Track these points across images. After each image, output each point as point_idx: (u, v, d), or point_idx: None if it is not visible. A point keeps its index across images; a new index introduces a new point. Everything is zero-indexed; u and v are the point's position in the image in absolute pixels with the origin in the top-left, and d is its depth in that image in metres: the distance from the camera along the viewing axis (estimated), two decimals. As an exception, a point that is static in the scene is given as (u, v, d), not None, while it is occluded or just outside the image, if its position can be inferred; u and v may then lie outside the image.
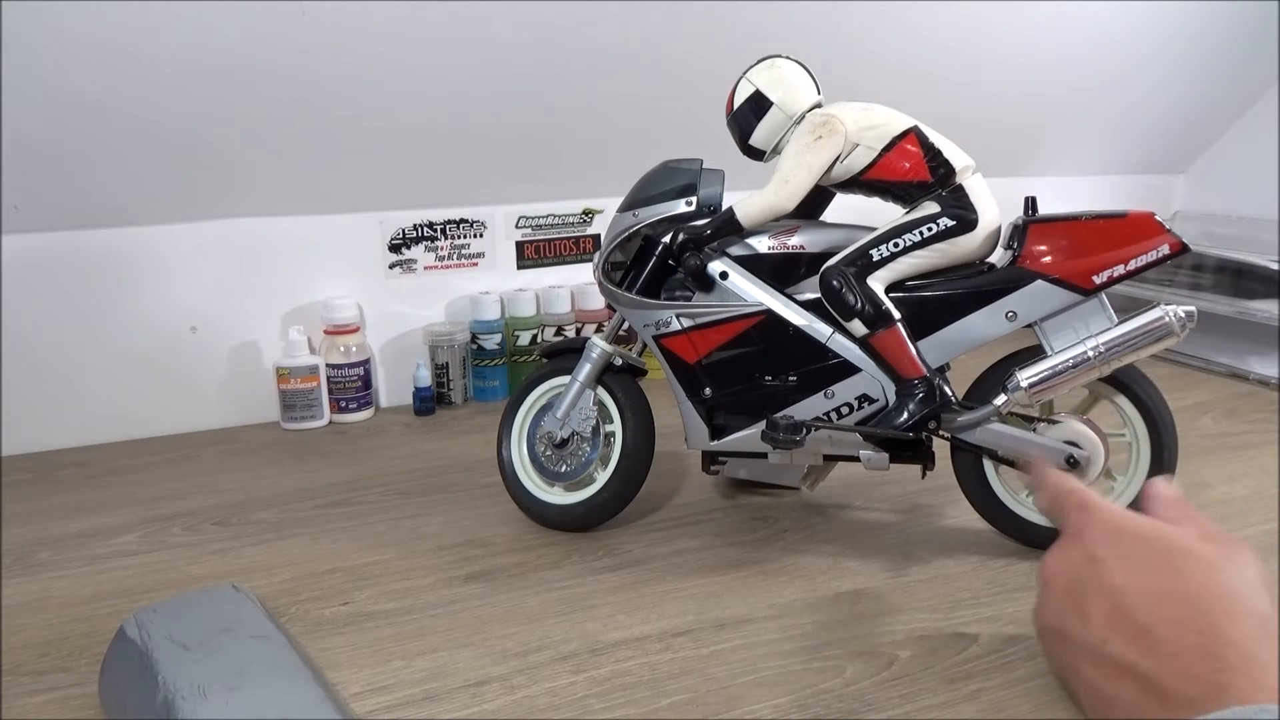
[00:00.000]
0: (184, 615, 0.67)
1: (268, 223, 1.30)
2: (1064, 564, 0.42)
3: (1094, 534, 0.42)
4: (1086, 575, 0.40)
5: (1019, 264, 0.83)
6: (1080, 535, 0.42)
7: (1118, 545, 0.41)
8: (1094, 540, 0.41)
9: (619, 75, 1.31)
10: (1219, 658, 0.34)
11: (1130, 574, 0.39)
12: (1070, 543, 0.43)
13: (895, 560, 0.88)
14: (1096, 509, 0.43)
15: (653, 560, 0.90)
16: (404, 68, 1.19)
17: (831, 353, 0.87)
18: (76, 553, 0.94)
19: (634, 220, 0.93)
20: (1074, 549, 0.42)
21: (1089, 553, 0.41)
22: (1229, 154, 1.89)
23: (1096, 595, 0.39)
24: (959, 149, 0.87)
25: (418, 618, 0.80)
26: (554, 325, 1.44)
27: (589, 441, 0.95)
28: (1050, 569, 0.43)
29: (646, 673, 0.71)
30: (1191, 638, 0.36)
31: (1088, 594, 0.40)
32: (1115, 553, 0.40)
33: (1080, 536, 0.42)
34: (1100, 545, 0.41)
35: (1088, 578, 0.40)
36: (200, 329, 1.29)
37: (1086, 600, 0.40)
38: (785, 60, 0.92)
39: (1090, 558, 0.41)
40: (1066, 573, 0.42)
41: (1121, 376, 0.84)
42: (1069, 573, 0.41)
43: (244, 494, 1.08)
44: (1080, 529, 0.43)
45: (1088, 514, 0.43)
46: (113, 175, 1.17)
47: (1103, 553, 0.41)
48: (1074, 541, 0.43)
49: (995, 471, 0.88)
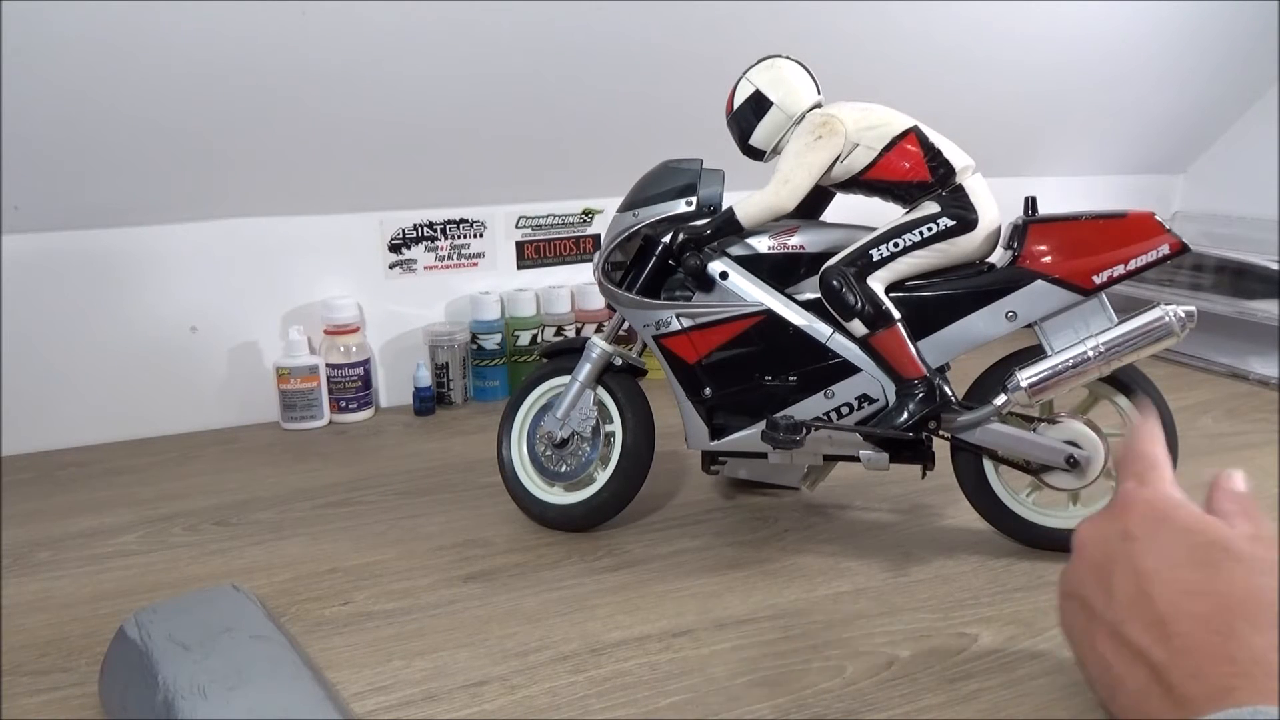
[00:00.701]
0: (184, 615, 0.67)
1: (268, 223, 1.30)
2: (1099, 535, 0.42)
3: (1137, 513, 0.41)
4: (1119, 552, 0.40)
5: (1019, 264, 0.83)
6: (1124, 510, 0.42)
7: (1157, 530, 0.40)
8: (1135, 519, 0.41)
9: (619, 75, 1.31)
10: (1231, 660, 0.34)
11: (1162, 561, 0.39)
12: (1111, 514, 0.43)
13: (895, 560, 0.88)
14: (1152, 486, 0.43)
15: (653, 560, 0.90)
16: (404, 67, 1.19)
17: (831, 353, 0.87)
18: (76, 553, 0.94)
19: (634, 220, 0.93)
20: (1113, 522, 0.42)
21: (1127, 530, 0.41)
22: (1229, 154, 1.89)
23: (1124, 574, 0.39)
24: (959, 149, 0.87)
25: (418, 618, 0.80)
26: (554, 325, 1.44)
27: (589, 441, 0.95)
28: (1084, 535, 0.43)
29: (646, 673, 0.71)
30: (1207, 636, 0.35)
31: (1116, 571, 0.40)
32: (1152, 536, 0.40)
33: (1124, 511, 0.42)
34: (1139, 526, 0.41)
35: (1120, 555, 0.40)
36: (200, 329, 1.30)
37: (1114, 577, 0.40)
38: (785, 60, 0.92)
39: (1127, 535, 0.41)
40: (1100, 544, 0.41)
41: (1121, 376, 0.84)
42: (1103, 545, 0.41)
43: (244, 494, 1.08)
44: (1126, 503, 0.42)
45: (1140, 489, 0.43)
46: (113, 175, 1.17)
47: (1140, 533, 0.40)
48: (1115, 514, 0.42)
49: (995, 471, 0.88)
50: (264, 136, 1.20)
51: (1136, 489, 0.43)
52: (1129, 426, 0.86)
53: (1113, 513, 0.43)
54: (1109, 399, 0.87)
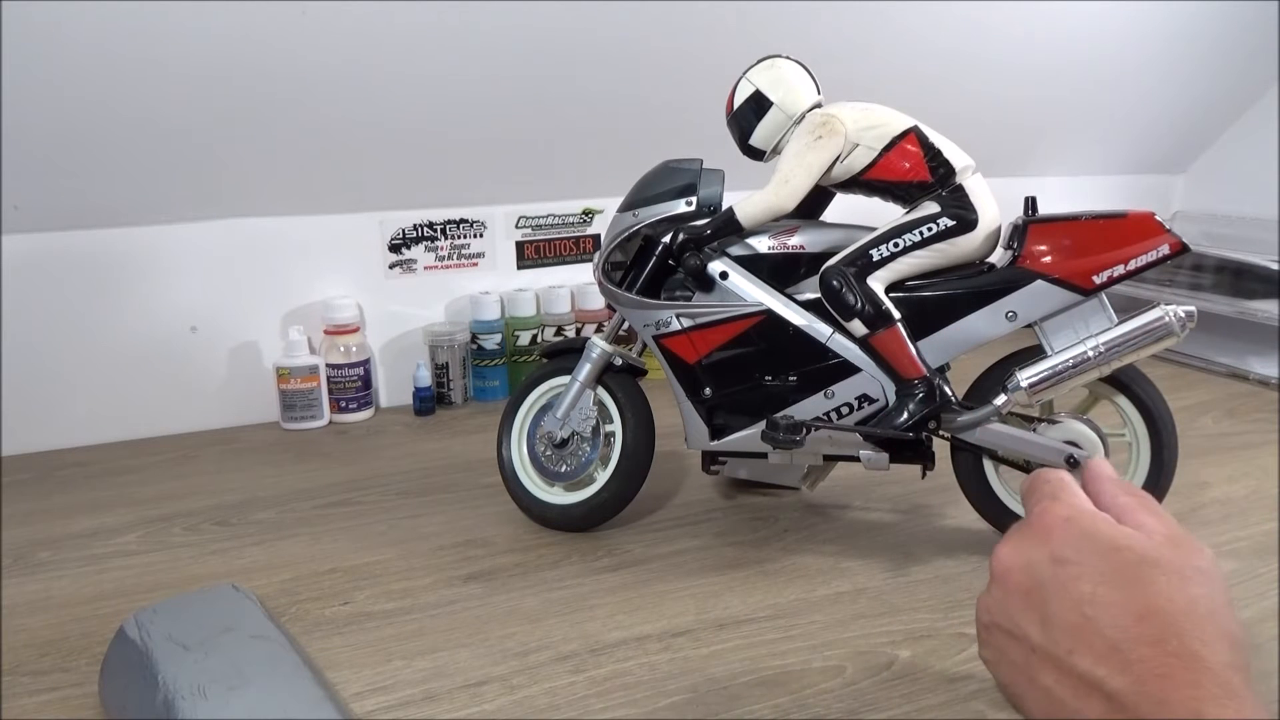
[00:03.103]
0: (184, 615, 0.67)
1: (267, 223, 1.30)
2: (1023, 560, 0.40)
3: (1061, 534, 0.39)
4: (1049, 577, 0.38)
5: (1019, 264, 0.83)
6: (1045, 532, 0.40)
7: (1087, 550, 0.38)
8: (1059, 541, 0.39)
9: (618, 75, 1.31)
10: (1196, 685, 0.33)
11: (1099, 583, 0.37)
12: (1032, 537, 0.40)
13: (895, 560, 0.88)
14: (1066, 503, 0.41)
15: (653, 560, 0.90)
16: (404, 68, 1.19)
17: (831, 353, 0.87)
18: (76, 553, 0.94)
19: (634, 220, 0.93)
20: (1036, 546, 0.40)
21: (1055, 553, 0.39)
22: (1229, 154, 1.89)
23: (1061, 601, 0.37)
24: (959, 149, 0.87)
25: (418, 618, 0.80)
26: (554, 325, 1.44)
27: (589, 441, 0.95)
28: (1006, 561, 0.40)
29: (646, 673, 0.71)
30: (1166, 660, 0.34)
31: (1051, 598, 0.38)
32: (1083, 558, 0.38)
33: (1045, 533, 0.40)
34: (1067, 547, 0.39)
35: (1050, 580, 0.38)
36: (200, 329, 1.29)
37: (1049, 605, 0.38)
38: (785, 60, 0.92)
39: (1056, 559, 0.38)
40: (1025, 570, 0.39)
41: (1121, 376, 0.84)
42: (1028, 570, 0.39)
43: (244, 494, 1.08)
44: (1045, 524, 0.40)
45: (1055, 506, 0.41)
46: (113, 175, 1.17)
47: (1070, 556, 0.38)
48: (1036, 537, 0.40)
49: (995, 471, 0.88)
50: (264, 136, 1.20)
51: (1051, 507, 0.41)
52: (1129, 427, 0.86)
53: (1034, 535, 0.40)
54: (1109, 399, 0.87)
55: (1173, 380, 1.42)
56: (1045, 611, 0.38)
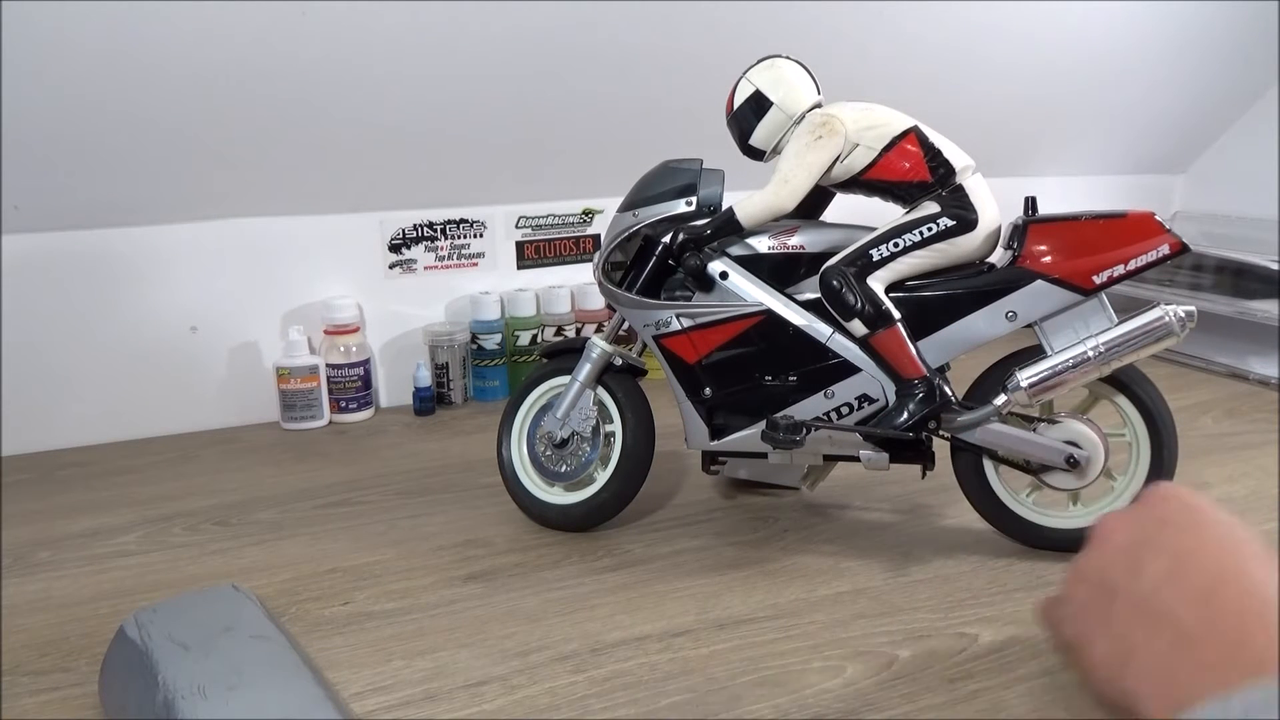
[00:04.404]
0: (184, 615, 0.67)
1: (268, 223, 1.30)
2: (1129, 522, 0.42)
3: (1172, 504, 0.41)
4: (1154, 535, 0.40)
5: (1019, 264, 0.83)
6: (1160, 500, 0.42)
7: (1193, 519, 0.40)
8: (1171, 509, 0.41)
9: (619, 75, 1.31)
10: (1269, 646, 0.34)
11: (1202, 542, 0.39)
12: (1144, 504, 0.42)
13: (895, 560, 0.88)
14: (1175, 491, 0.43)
15: (653, 560, 0.90)
16: (404, 68, 1.19)
17: (831, 353, 0.87)
18: (76, 553, 0.94)
19: (634, 220, 0.93)
20: (1147, 511, 0.42)
21: (1162, 517, 0.41)
22: (1229, 154, 1.89)
23: (1157, 553, 0.39)
24: (959, 149, 0.87)
25: (418, 618, 0.80)
26: (554, 325, 1.44)
27: (589, 441, 0.95)
28: (1111, 524, 0.42)
29: (646, 673, 0.71)
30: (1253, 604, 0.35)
31: (1147, 551, 0.39)
32: (1190, 523, 0.40)
33: (1159, 501, 0.42)
34: (1176, 514, 0.41)
35: (1154, 537, 0.40)
36: (200, 329, 1.29)
37: (1144, 556, 0.39)
38: (785, 60, 0.92)
39: (1163, 521, 0.40)
40: (1130, 530, 0.41)
41: (1121, 376, 0.84)
42: (1133, 530, 0.41)
43: (244, 494, 1.08)
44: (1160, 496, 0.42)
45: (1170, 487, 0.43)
46: (113, 175, 1.17)
47: (1178, 520, 0.40)
48: (1149, 504, 0.42)
49: (995, 471, 0.88)
50: (263, 136, 1.20)
51: (1167, 487, 0.44)
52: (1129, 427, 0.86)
53: (1145, 503, 0.43)
54: (1109, 399, 0.87)
55: (1173, 380, 1.42)
56: (1138, 562, 0.39)
